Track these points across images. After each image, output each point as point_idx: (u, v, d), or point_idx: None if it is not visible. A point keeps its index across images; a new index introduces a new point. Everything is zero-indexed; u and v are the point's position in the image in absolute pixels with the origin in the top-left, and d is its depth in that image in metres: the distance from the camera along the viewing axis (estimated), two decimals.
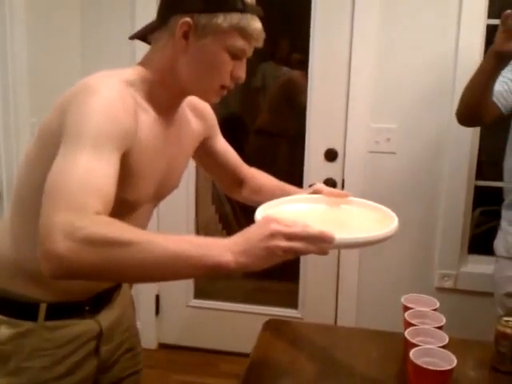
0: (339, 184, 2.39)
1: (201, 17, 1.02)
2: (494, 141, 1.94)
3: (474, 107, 1.78)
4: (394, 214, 1.10)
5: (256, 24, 1.06)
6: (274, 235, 0.85)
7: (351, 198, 1.23)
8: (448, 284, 2.35)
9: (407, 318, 1.28)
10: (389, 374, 1.26)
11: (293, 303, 2.62)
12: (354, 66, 2.29)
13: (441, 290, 2.36)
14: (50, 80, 2.16)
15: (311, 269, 2.54)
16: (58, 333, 1.10)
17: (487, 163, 2.43)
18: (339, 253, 2.45)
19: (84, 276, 0.84)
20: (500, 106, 1.78)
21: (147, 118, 1.04)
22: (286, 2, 2.69)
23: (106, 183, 0.87)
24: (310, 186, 1.32)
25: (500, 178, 1.91)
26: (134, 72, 1.07)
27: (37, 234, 0.81)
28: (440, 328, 1.24)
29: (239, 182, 1.43)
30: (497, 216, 1.93)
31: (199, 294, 2.71)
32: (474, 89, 1.75)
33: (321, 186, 1.25)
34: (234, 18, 1.03)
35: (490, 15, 2.15)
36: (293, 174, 2.54)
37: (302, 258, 2.53)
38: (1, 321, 1.07)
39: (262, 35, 1.09)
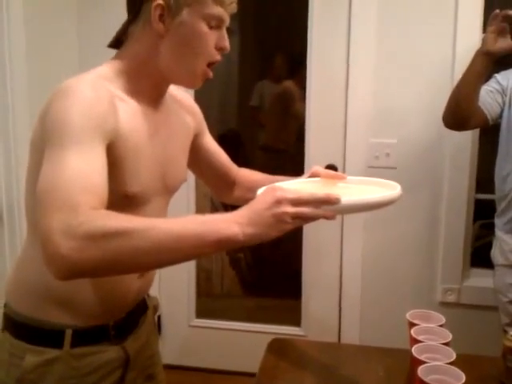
0: None
1: None
2: (491, 155, 1.97)
3: (461, 109, 1.80)
4: (395, 183, 1.07)
5: None
6: (280, 202, 0.84)
7: (349, 178, 1.19)
8: (451, 298, 2.34)
9: (413, 334, 1.26)
10: None
11: (295, 321, 2.60)
12: (352, 81, 2.30)
13: (444, 304, 2.34)
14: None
15: (313, 286, 2.53)
16: (84, 360, 1.07)
17: (485, 177, 2.43)
18: (341, 267, 2.44)
19: (93, 272, 0.83)
20: (486, 112, 1.81)
21: (127, 107, 1.03)
22: (282, 18, 2.72)
23: (96, 177, 0.86)
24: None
25: None
26: (107, 66, 1.06)
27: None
28: (447, 344, 1.23)
29: (230, 183, 1.41)
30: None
31: (201, 313, 2.69)
32: (461, 90, 1.79)
33: (318, 168, 1.21)
34: None
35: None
36: None
37: (304, 274, 2.52)
38: (26, 349, 1.05)
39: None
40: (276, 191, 0.86)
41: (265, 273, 3.18)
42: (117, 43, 1.11)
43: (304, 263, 2.53)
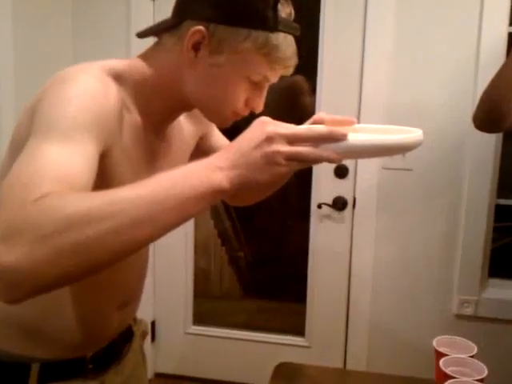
0: (350, 203, 2.22)
1: (218, 28, 0.82)
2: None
3: (497, 108, 1.62)
4: (416, 129, 0.85)
5: (288, 47, 0.85)
6: (272, 138, 0.69)
7: (358, 126, 0.96)
8: (468, 311, 2.18)
9: (443, 367, 1.10)
10: None
11: (298, 326, 2.43)
12: (366, 78, 2.13)
13: (460, 317, 2.19)
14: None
15: (318, 292, 2.36)
16: None
17: (504, 181, 2.26)
18: (350, 273, 2.27)
19: (52, 281, 0.61)
20: None
21: (131, 120, 0.85)
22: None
23: (75, 175, 0.67)
24: None
25: None
26: (125, 62, 0.87)
27: None
28: (481, 381, 1.06)
29: None
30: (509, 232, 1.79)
31: (198, 319, 2.53)
32: (498, 87, 1.61)
33: (322, 114, 0.99)
34: (261, 36, 0.82)
35: None
36: (301, 192, 2.38)
37: (310, 280, 2.36)
38: None
39: (293, 61, 0.88)
40: (266, 125, 0.70)
41: (266, 273, 3.02)
42: (145, 35, 0.92)
43: (310, 268, 2.36)
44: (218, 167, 0.68)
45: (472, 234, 2.14)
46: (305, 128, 0.71)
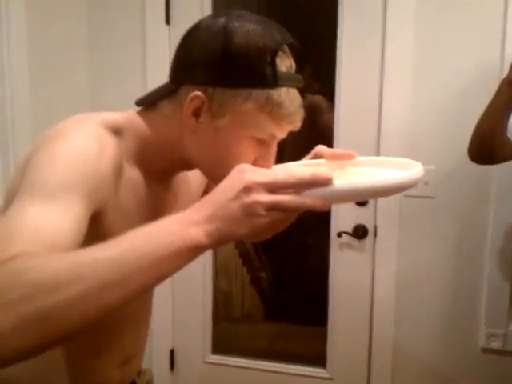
0: (371, 231, 2.15)
1: (216, 91, 0.80)
2: None
3: (487, 142, 1.65)
4: (417, 163, 0.80)
5: (291, 102, 0.82)
6: (250, 188, 0.64)
7: (359, 158, 0.93)
8: (496, 345, 2.08)
9: None
10: None
11: (321, 352, 2.35)
12: (386, 102, 2.07)
13: (487, 351, 2.09)
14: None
15: (340, 323, 2.30)
16: None
17: None
18: (372, 304, 2.20)
19: (13, 353, 0.56)
20: None
21: (132, 175, 0.83)
22: (310, 28, 2.50)
23: (56, 236, 0.64)
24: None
25: None
26: (123, 116, 0.85)
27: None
28: None
29: None
30: None
31: (217, 348, 2.48)
32: (487, 122, 1.63)
33: (322, 147, 0.98)
34: (262, 95, 0.79)
35: None
36: (319, 220, 2.32)
37: (331, 309, 2.29)
38: None
39: (299, 116, 0.84)
40: (244, 174, 0.65)
41: (289, 295, 2.97)
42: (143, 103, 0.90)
43: (330, 298, 2.29)
44: (193, 221, 0.63)
45: (499, 263, 2.05)
46: (285, 174, 0.66)
